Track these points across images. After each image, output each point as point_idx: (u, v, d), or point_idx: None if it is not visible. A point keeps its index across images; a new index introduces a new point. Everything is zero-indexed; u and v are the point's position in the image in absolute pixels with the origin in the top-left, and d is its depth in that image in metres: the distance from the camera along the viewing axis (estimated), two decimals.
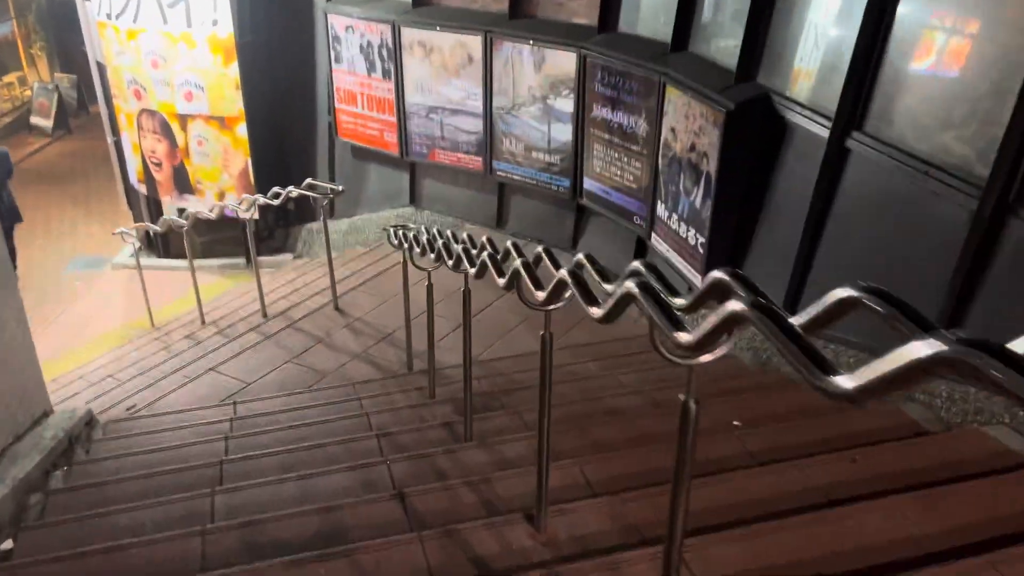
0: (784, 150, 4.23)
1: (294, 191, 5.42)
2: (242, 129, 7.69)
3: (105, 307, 7.99)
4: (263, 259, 8.47)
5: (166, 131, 8.06)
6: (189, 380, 4.86)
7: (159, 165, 8.32)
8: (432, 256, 3.72)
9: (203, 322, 6.60)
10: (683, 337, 1.29)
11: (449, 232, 3.72)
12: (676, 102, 4.80)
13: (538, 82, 6.05)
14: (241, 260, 8.66)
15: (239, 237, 8.18)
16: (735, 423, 2.90)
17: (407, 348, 4.77)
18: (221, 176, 8.02)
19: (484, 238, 2.80)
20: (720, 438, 2.72)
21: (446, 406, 3.86)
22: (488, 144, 6.66)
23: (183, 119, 7.90)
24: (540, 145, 6.32)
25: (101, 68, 8.58)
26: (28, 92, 16.67)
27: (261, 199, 5.63)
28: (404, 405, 4.02)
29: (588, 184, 6.07)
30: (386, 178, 7.72)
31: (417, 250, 4.15)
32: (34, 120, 15.82)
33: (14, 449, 3.32)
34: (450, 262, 3.26)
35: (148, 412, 4.50)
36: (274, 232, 8.89)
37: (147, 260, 8.86)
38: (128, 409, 4.73)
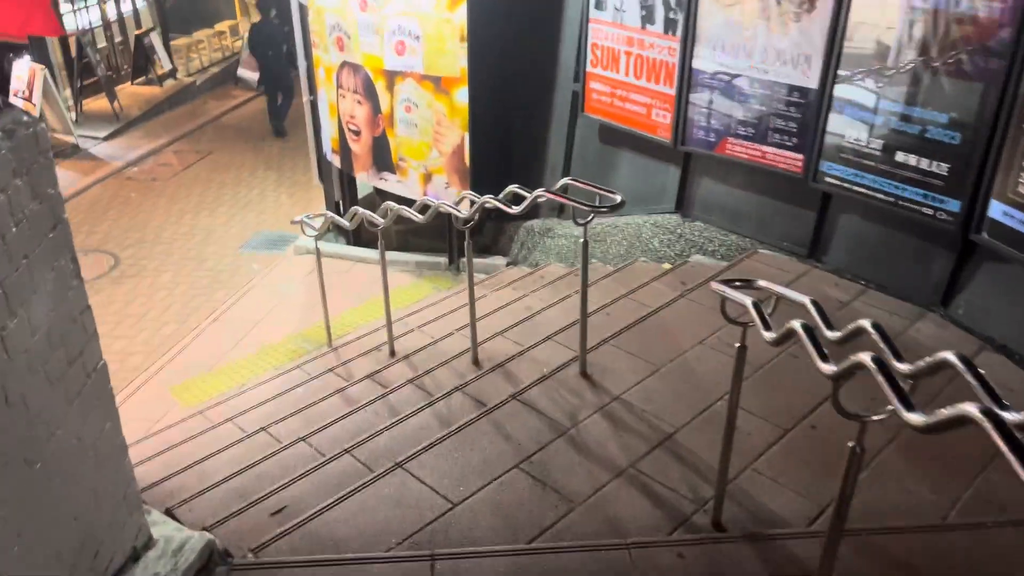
0: None
1: (543, 194, 3.63)
2: (462, 94, 6.06)
3: (279, 304, 6.73)
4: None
5: (369, 91, 6.60)
6: (368, 480, 3.23)
7: (357, 134, 6.92)
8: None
9: (392, 353, 5.06)
10: None
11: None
12: None
13: (930, 33, 3.85)
14: (443, 259, 7.11)
15: (441, 227, 6.63)
16: None
17: (718, 485, 2.86)
18: (429, 153, 6.46)
19: None
20: None
21: None
22: (817, 135, 4.55)
23: (390, 77, 6.40)
24: (910, 141, 4.13)
25: (303, 10, 7.30)
26: (239, 43, 16.36)
27: (490, 200, 3.90)
28: None
29: (999, 210, 3.83)
30: (644, 172, 5.80)
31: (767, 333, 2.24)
32: (241, 72, 15.41)
33: None
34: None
35: (302, 540, 2.93)
36: (483, 226, 7.27)
37: (333, 247, 7.56)
38: (273, 514, 3.20)
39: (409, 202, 6.08)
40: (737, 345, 2.66)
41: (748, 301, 2.36)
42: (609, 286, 5.28)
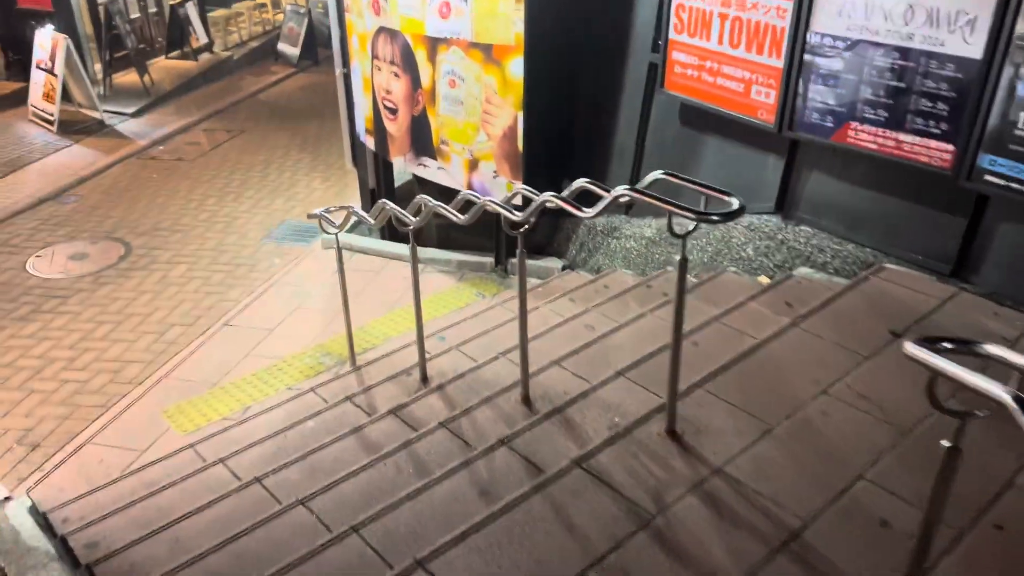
0: None
1: (627, 195, 2.68)
2: (516, 66, 5.13)
3: (299, 307, 5.91)
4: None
5: (408, 62, 5.72)
6: None
7: (394, 112, 6.04)
8: None
9: (424, 380, 4.21)
10: None
11: None
12: None
13: None
14: (488, 259, 6.21)
15: (488, 220, 5.70)
16: None
17: None
18: (476, 135, 5.56)
19: None
20: None
21: None
22: (977, 120, 3.52)
23: (433, 45, 5.50)
24: None
25: None
26: (280, 16, 15.65)
27: (553, 199, 2.97)
28: None
29: None
30: (736, 163, 4.81)
31: None
32: (281, 47, 14.71)
33: None
34: None
35: None
36: (536, 223, 6.33)
37: (363, 241, 6.73)
38: None
39: (451, 193, 5.20)
40: (947, 446, 1.71)
41: (1007, 397, 1.40)
42: (692, 304, 4.32)
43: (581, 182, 3.10)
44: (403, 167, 6.34)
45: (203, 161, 9.60)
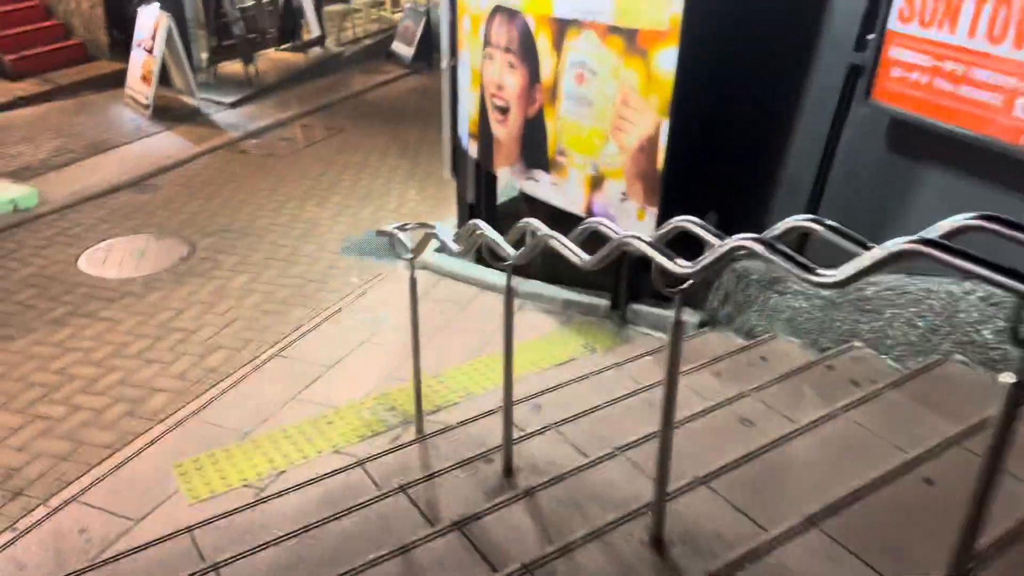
0: None
1: (743, 245, 1.48)
2: (666, 58, 3.93)
3: (369, 339, 4.87)
4: (641, 310, 4.75)
5: (527, 50, 4.61)
6: None
7: (504, 112, 4.95)
8: None
9: (508, 473, 3.06)
10: None
11: None
12: None
13: None
14: (602, 300, 5.01)
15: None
16: None
17: None
18: (603, 145, 4.38)
19: None
20: None
21: None
22: None
23: (560, 28, 4.37)
24: None
25: None
26: (398, 15, 14.98)
27: (691, 227, 1.77)
28: None
29: None
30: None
31: None
32: (395, 46, 13.97)
33: None
34: None
35: None
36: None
37: (452, 264, 5.66)
38: None
39: (564, 218, 4.04)
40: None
41: None
42: (897, 405, 3.00)
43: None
44: (508, 180, 5.23)
45: (294, 159, 8.80)
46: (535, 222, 2.67)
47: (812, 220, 1.78)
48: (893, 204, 3.71)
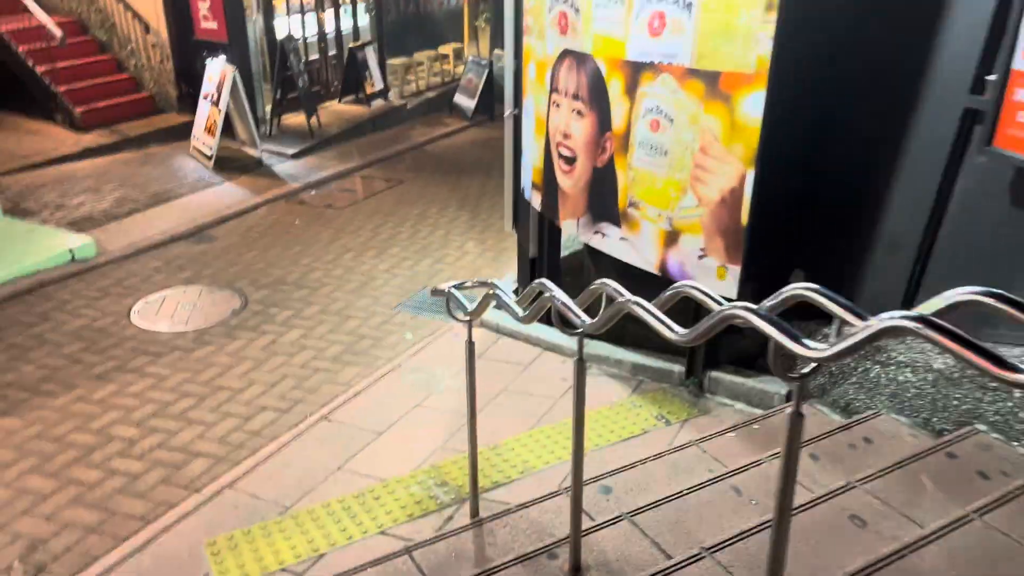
0: None
1: (913, 327, 2.00)
2: (753, 104, 3.58)
3: (422, 403, 4.53)
4: (721, 377, 4.31)
5: (597, 96, 4.31)
6: None
7: (570, 162, 4.64)
8: None
9: (576, 570, 2.64)
10: None
11: None
12: None
13: None
14: (676, 365, 4.60)
15: (679, 308, 4.10)
16: None
17: None
18: (681, 198, 4.02)
19: None
20: None
21: None
22: None
23: (634, 72, 4.07)
24: None
25: None
26: (461, 68, 15.01)
27: (814, 297, 1.39)
28: None
29: None
30: None
31: None
32: (457, 99, 13.96)
33: None
34: None
35: None
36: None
37: (511, 321, 5.31)
38: None
39: (634, 276, 3.68)
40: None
41: None
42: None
43: (800, 289, 1.52)
44: (573, 233, 4.89)
45: (352, 210, 8.65)
46: (613, 285, 2.32)
47: (988, 294, 1.38)
48: (1020, 263, 3.25)
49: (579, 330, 2.34)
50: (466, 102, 13.87)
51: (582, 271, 6.09)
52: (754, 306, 1.69)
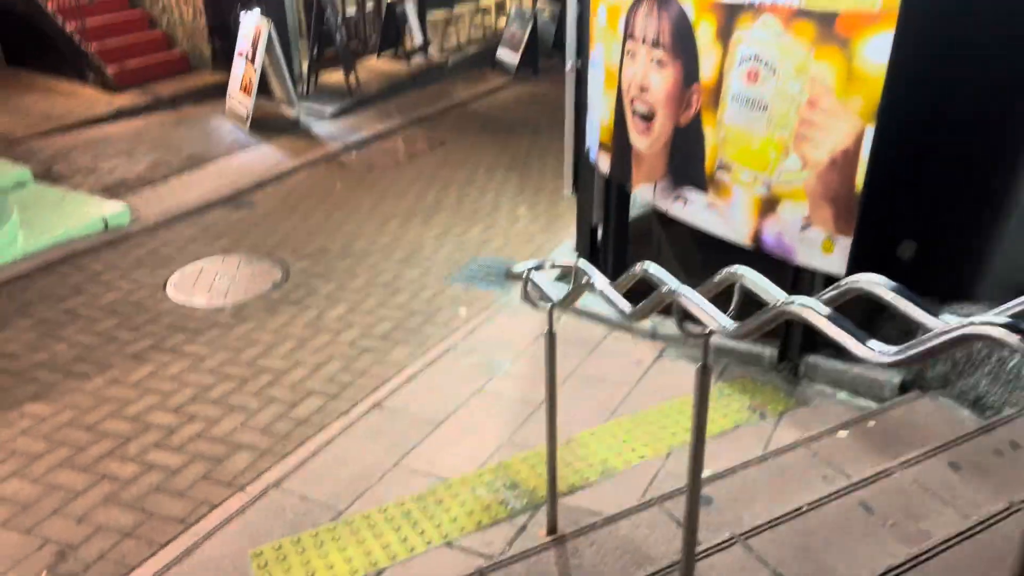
0: None
1: None
2: (877, 47, 3.05)
3: (482, 388, 4.13)
4: (819, 362, 3.82)
5: (681, 43, 3.79)
6: None
7: (648, 119, 4.13)
8: None
9: None
10: None
11: None
12: None
13: None
14: (768, 348, 4.13)
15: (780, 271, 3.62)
16: None
17: None
18: (783, 158, 3.51)
19: None
20: None
21: None
22: None
23: (729, 15, 3.54)
24: None
25: None
26: (503, 21, 14.38)
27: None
28: None
29: None
30: None
31: None
32: (500, 53, 13.36)
33: None
34: None
35: None
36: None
37: (592, 304, 4.87)
38: None
39: (718, 249, 3.20)
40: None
41: None
42: None
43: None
44: (648, 199, 4.40)
45: (396, 172, 8.21)
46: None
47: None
48: None
49: (708, 332, 1.88)
50: (509, 57, 13.27)
51: (649, 240, 5.60)
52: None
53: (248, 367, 4.59)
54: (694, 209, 4.01)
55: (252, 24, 9.34)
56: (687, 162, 3.97)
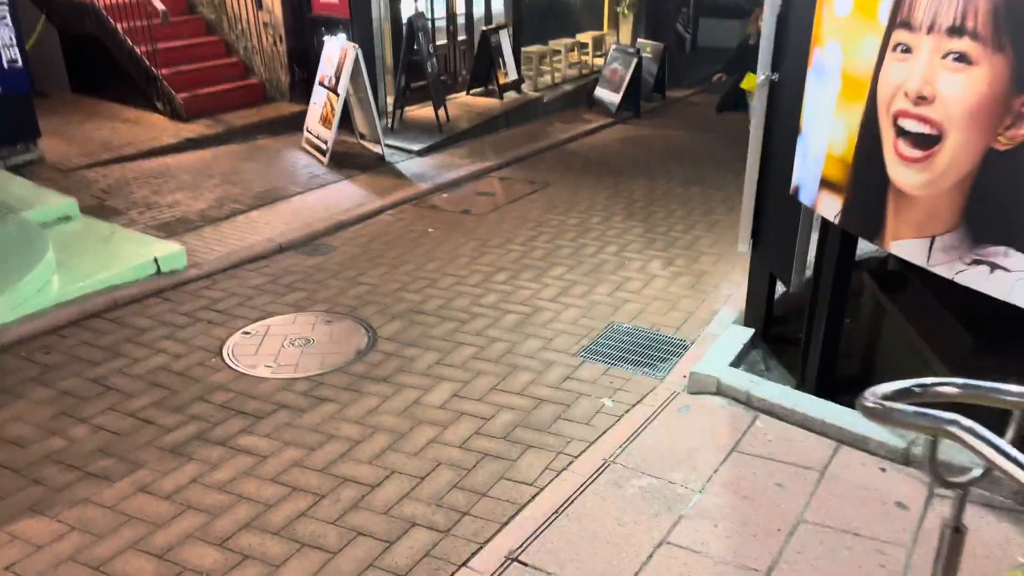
0: None
1: None
2: None
3: (664, 541, 2.77)
4: None
5: (1011, 27, 2.46)
6: None
7: (928, 143, 2.80)
8: None
9: None
10: None
11: None
12: None
13: None
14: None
15: None
16: None
17: None
18: None
19: None
20: None
21: None
22: None
23: None
24: None
25: None
26: (600, 60, 13.29)
27: None
28: None
29: None
30: None
31: None
32: (599, 92, 12.23)
33: None
34: None
35: None
36: None
37: (775, 391, 3.51)
38: None
39: None
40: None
41: None
42: None
43: None
44: (921, 262, 3.02)
45: (495, 217, 7.02)
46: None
47: None
48: None
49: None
50: (609, 96, 12.11)
51: (858, 308, 4.22)
52: None
53: (322, 475, 3.33)
54: (1012, 280, 2.63)
55: (337, 48, 8.36)
56: (1003, 209, 2.61)
